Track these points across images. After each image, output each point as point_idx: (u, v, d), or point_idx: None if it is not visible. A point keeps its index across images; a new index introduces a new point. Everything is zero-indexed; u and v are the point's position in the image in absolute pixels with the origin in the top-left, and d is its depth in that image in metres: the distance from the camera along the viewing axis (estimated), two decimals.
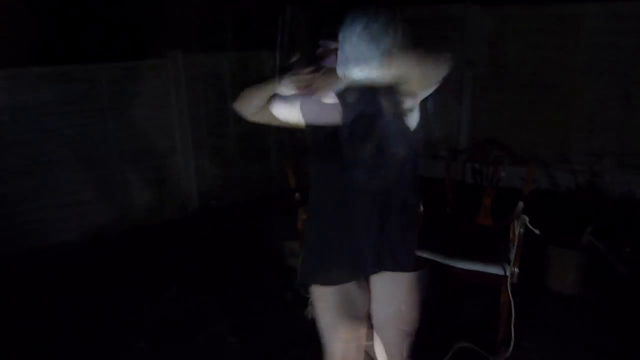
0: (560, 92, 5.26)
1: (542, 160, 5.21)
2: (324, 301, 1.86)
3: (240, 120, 1.90)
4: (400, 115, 1.62)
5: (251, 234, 4.57)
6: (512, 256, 2.61)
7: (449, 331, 3.00)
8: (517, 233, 2.63)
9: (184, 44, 4.99)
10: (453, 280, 3.11)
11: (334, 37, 1.54)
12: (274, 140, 5.58)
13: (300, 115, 1.82)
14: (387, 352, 1.94)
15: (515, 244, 2.61)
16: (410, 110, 1.64)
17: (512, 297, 2.60)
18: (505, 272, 2.59)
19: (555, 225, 3.97)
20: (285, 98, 1.78)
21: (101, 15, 4.99)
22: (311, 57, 1.69)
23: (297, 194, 2.96)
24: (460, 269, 2.70)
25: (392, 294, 1.86)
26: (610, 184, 5.15)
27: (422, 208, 2.91)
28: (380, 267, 1.79)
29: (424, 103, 1.68)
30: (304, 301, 3.09)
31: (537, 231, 2.61)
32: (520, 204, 2.75)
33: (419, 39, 1.56)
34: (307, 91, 1.66)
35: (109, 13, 5.04)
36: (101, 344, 3.04)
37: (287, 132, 5.32)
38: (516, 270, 2.59)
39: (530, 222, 2.63)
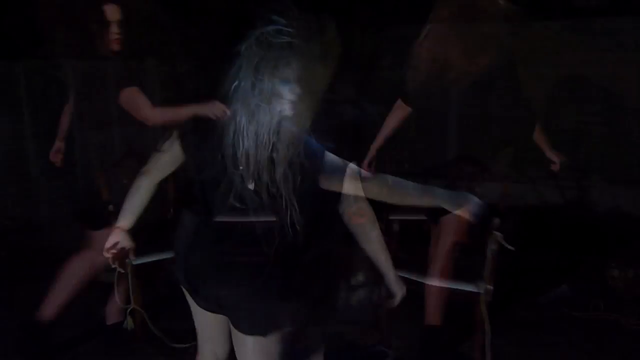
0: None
1: (528, 176, 5.19)
2: None
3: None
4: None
5: (60, 252, 3.81)
6: (486, 273, 2.59)
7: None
8: (490, 250, 2.61)
9: None
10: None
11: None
12: (78, 155, 5.05)
13: None
14: None
15: (489, 261, 2.59)
16: None
17: (487, 314, 2.57)
18: (478, 289, 2.57)
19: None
20: None
21: None
22: None
23: (110, 206, 2.84)
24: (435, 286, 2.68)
25: None
26: (599, 198, 5.13)
27: (398, 227, 2.91)
28: None
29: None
30: (122, 312, 2.92)
31: (511, 248, 2.59)
32: (495, 220, 2.74)
33: None
34: None
35: None
36: None
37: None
38: (490, 287, 2.57)
39: (505, 239, 2.62)
